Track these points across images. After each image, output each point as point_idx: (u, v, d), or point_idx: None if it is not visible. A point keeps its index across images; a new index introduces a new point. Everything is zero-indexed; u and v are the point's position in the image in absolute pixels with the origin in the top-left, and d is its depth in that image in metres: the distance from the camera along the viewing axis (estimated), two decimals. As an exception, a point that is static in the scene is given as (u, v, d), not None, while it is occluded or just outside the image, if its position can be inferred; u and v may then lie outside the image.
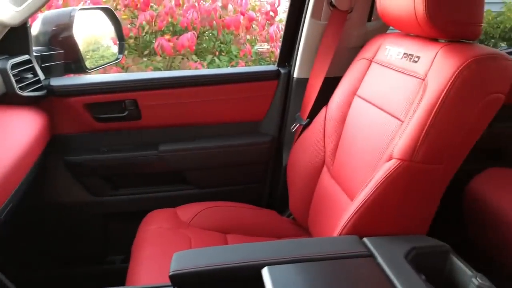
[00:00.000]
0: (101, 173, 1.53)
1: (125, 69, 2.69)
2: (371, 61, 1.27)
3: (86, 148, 1.50)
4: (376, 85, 1.21)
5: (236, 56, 2.98)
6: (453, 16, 0.98)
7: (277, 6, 3.04)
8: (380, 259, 0.84)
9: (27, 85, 1.34)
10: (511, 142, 1.64)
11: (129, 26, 2.81)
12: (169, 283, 0.85)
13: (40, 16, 1.54)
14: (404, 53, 1.12)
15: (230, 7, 2.92)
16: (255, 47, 2.99)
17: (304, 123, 1.48)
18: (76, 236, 1.57)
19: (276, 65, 1.61)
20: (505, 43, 4.71)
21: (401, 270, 0.80)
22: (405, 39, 1.17)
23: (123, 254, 1.61)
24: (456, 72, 0.90)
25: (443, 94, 0.91)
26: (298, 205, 1.43)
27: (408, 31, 1.15)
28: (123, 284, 1.15)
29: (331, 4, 1.42)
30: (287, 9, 1.57)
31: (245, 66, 2.86)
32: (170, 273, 0.82)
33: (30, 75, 1.37)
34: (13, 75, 1.28)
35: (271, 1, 3.00)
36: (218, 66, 2.91)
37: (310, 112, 1.46)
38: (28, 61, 1.38)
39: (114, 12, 1.71)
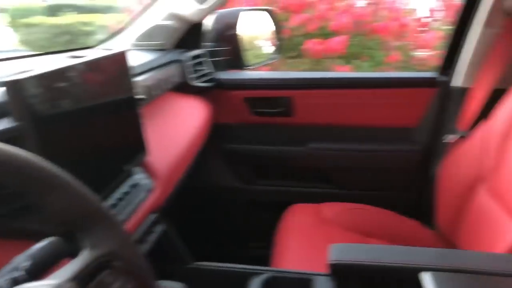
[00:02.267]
0: (252, 163, 1.64)
1: (273, 69, 2.81)
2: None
3: (241, 138, 1.62)
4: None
5: (381, 63, 2.93)
6: None
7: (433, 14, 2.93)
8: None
9: (198, 76, 1.49)
10: None
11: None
12: (317, 272, 0.90)
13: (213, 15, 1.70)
14: None
15: (382, 13, 2.89)
16: (414, 53, 2.91)
17: (461, 134, 1.41)
18: (224, 218, 1.70)
19: (436, 73, 1.56)
20: None
21: None
22: None
23: (263, 241, 1.69)
24: None
25: None
26: (447, 219, 1.37)
27: None
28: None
29: (507, 12, 1.33)
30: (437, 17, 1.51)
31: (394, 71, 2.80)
32: (331, 262, 0.85)
33: (202, 68, 1.52)
34: (189, 67, 1.43)
35: (430, 8, 2.90)
36: (362, 71, 2.90)
37: (470, 124, 1.39)
38: (201, 55, 1.53)
39: (275, 13, 1.81)
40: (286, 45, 3.04)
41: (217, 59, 1.63)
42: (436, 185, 1.45)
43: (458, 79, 1.47)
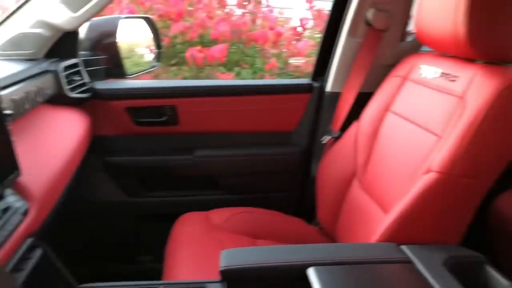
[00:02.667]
0: (137, 175, 1.59)
1: (155, 77, 2.77)
2: (405, 79, 1.32)
3: (124, 150, 1.57)
4: (411, 102, 1.26)
5: (260, 70, 3.06)
6: (493, 38, 1.03)
7: (306, 23, 3.13)
8: (419, 266, 0.88)
9: (74, 87, 1.40)
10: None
11: (161, 36, 2.90)
12: (210, 280, 0.91)
13: (87, 23, 1.62)
14: (442, 73, 1.17)
15: (258, 22, 3.02)
16: (290, 61, 3.07)
17: (335, 135, 1.53)
18: (109, 234, 1.62)
19: (309, 79, 1.67)
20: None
21: (441, 277, 0.85)
22: (441, 59, 1.22)
23: (152, 255, 1.66)
24: (497, 93, 0.95)
25: (483, 113, 0.96)
26: (326, 214, 1.47)
27: (446, 51, 1.20)
28: None
29: (367, 23, 1.48)
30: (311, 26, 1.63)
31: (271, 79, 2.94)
32: (221, 269, 0.87)
33: (77, 78, 1.44)
34: (64, 77, 1.35)
35: (300, 17, 3.09)
36: (244, 78, 2.99)
37: (342, 126, 1.52)
38: (76, 65, 1.45)
39: (154, 22, 1.78)
40: (168, 53, 3.02)
41: (94, 68, 1.55)
42: (316, 184, 1.55)
43: (330, 85, 1.59)
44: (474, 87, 1.02)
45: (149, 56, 1.89)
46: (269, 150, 1.63)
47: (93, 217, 1.60)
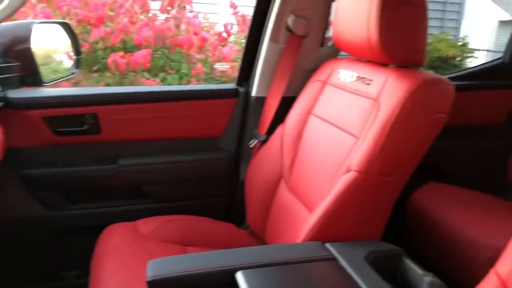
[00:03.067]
0: (58, 187, 1.51)
1: (76, 84, 2.66)
2: (324, 83, 1.38)
3: (43, 162, 1.48)
4: (331, 105, 1.32)
5: (186, 75, 3.04)
6: (402, 44, 1.10)
7: (230, 29, 3.16)
8: (343, 262, 0.92)
9: (-17, 96, 1.31)
10: (446, 160, 1.82)
11: (80, 41, 2.79)
12: None
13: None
14: (358, 76, 1.23)
15: (183, 27, 3.00)
16: (215, 66, 3.07)
17: (262, 139, 1.56)
18: (29, 252, 1.53)
19: (235, 84, 1.69)
20: (433, 70, 5.14)
21: (362, 271, 0.89)
22: (357, 63, 1.29)
23: (78, 270, 1.58)
24: (407, 94, 1.02)
25: (396, 113, 1.02)
26: (255, 217, 1.49)
27: (361, 56, 1.27)
28: None
29: (288, 29, 1.52)
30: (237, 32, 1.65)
31: (198, 84, 2.93)
32: (148, 279, 0.85)
33: (-14, 87, 1.35)
34: None
35: (224, 23, 3.12)
36: (170, 84, 2.95)
37: (268, 129, 1.55)
38: (-16, 73, 1.36)
39: (72, 27, 1.71)
40: (89, 59, 2.92)
41: (6, 76, 1.46)
42: (245, 187, 1.57)
43: (255, 90, 1.62)
44: (387, 89, 1.09)
45: (68, 63, 1.81)
46: (197, 156, 1.63)
47: (13, 235, 1.50)
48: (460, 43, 5.32)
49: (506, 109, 1.89)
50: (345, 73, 1.30)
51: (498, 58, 1.92)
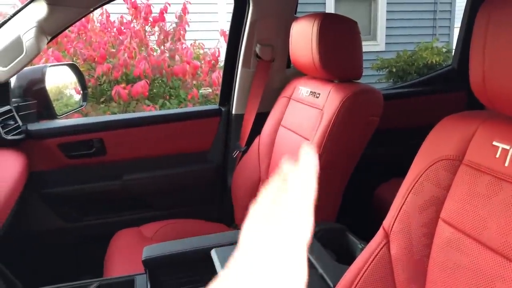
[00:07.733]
0: (72, 202, 1.79)
1: (85, 115, 2.96)
2: (289, 99, 1.65)
3: (59, 181, 1.76)
4: (293, 116, 1.59)
5: (184, 99, 3.33)
6: (340, 63, 1.37)
7: (218, 56, 3.47)
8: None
9: (9, 130, 1.60)
10: (407, 159, 2.05)
11: (87, 77, 3.12)
12: (138, 273, 1.14)
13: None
14: (310, 91, 1.50)
15: (177, 57, 3.31)
16: (200, 91, 3.37)
17: (242, 149, 1.83)
18: (52, 259, 1.79)
19: (218, 105, 1.96)
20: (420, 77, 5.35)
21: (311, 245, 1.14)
22: (312, 81, 1.56)
23: (93, 272, 1.84)
24: (341, 103, 1.29)
25: (333, 119, 1.29)
26: (242, 217, 1.75)
27: (311, 74, 1.54)
28: None
29: (257, 56, 1.80)
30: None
31: (193, 106, 3.22)
32: (143, 259, 1.11)
33: (11, 122, 1.64)
34: None
35: (212, 52, 3.43)
36: (169, 108, 3.25)
37: (247, 141, 1.82)
38: (9, 111, 1.65)
39: (78, 67, 2.02)
40: (96, 92, 3.24)
41: (27, 112, 1.75)
42: (232, 192, 1.83)
43: (234, 108, 1.90)
44: (329, 101, 1.36)
45: (77, 97, 2.11)
46: (190, 168, 1.89)
47: (37, 246, 1.77)
48: (444, 50, 5.56)
49: (460, 110, 2.12)
50: (303, 89, 1.57)
51: (449, 65, 2.16)
